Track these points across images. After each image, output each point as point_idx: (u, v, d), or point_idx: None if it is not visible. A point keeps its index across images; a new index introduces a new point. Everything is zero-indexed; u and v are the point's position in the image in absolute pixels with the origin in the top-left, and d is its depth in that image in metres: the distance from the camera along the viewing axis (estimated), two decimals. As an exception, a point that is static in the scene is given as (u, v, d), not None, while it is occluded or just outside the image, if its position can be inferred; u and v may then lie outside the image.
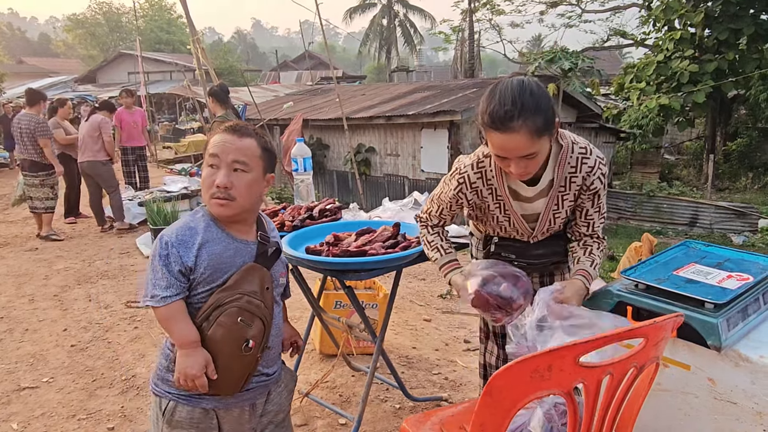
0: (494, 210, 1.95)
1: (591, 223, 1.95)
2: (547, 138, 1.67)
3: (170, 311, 1.52)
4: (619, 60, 30.69)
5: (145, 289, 1.54)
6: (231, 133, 1.57)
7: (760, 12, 14.43)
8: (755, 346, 1.70)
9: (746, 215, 13.04)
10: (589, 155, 1.83)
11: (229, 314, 1.53)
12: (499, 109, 1.60)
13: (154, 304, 1.52)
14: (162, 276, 1.51)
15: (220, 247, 1.56)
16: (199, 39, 7.93)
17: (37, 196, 6.73)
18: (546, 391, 1.32)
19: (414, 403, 2.93)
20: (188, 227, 1.56)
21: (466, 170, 1.91)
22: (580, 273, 1.90)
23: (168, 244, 1.52)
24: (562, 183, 1.85)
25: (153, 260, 1.53)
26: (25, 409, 3.06)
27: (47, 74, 34.00)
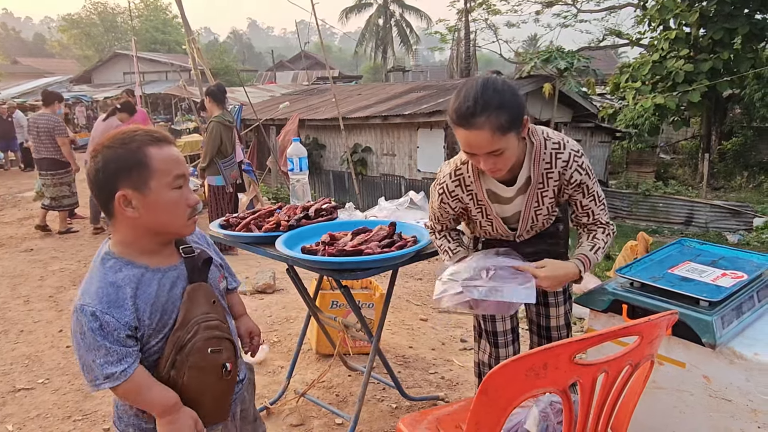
0: (476, 215, 1.98)
1: (590, 212, 1.93)
2: (514, 135, 1.67)
3: (135, 382, 1.32)
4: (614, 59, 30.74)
5: (91, 374, 1.31)
6: (170, 144, 1.39)
7: (754, 11, 14.49)
8: (750, 343, 1.71)
9: (741, 214, 13.10)
10: (562, 150, 1.83)
11: (198, 351, 1.38)
12: (462, 105, 1.63)
13: (114, 383, 1.30)
14: (108, 351, 1.29)
15: (153, 288, 1.36)
16: (195, 39, 7.91)
17: (54, 195, 6.88)
18: (541, 389, 1.33)
19: (410, 403, 2.94)
20: (107, 284, 1.32)
21: (444, 180, 1.96)
22: (578, 257, 1.90)
23: (95, 314, 1.28)
24: (540, 180, 1.85)
25: (84, 339, 1.29)
26: (20, 410, 3.05)
27: (42, 74, 33.87)
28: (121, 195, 1.31)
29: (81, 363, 1.32)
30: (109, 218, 1.38)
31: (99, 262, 1.36)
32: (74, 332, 1.31)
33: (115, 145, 1.33)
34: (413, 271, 5.54)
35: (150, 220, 1.35)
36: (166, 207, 1.35)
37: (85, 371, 1.32)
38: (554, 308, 2.14)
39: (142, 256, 1.39)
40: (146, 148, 1.33)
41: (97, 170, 1.33)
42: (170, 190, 1.35)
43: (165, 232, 1.41)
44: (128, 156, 1.32)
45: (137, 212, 1.33)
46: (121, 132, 1.36)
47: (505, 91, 1.64)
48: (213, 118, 5.63)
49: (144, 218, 1.34)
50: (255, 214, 2.63)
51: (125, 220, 1.35)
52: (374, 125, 13.21)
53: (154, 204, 1.34)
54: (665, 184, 15.26)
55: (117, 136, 1.35)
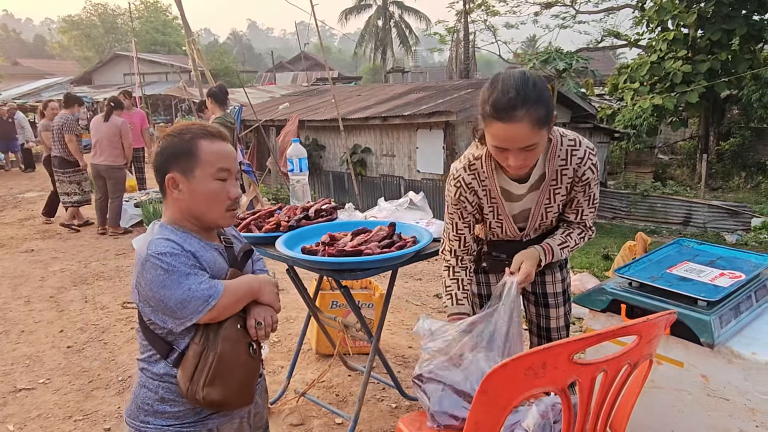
0: (488, 213, 1.96)
1: (579, 211, 1.94)
2: (546, 131, 1.67)
3: (231, 286, 1.44)
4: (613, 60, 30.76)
5: (192, 304, 1.37)
6: (222, 141, 1.49)
7: (752, 12, 14.52)
8: (748, 342, 1.72)
9: (739, 214, 13.11)
10: (578, 147, 1.83)
11: (230, 324, 1.45)
12: (502, 98, 1.60)
13: (217, 297, 1.39)
14: (197, 275, 1.39)
15: (209, 254, 1.48)
16: (195, 40, 7.92)
17: (64, 191, 7.18)
18: (540, 388, 1.34)
19: (410, 402, 2.94)
20: (173, 239, 1.42)
21: (460, 173, 1.91)
22: (544, 246, 1.91)
23: (173, 253, 1.38)
24: (553, 177, 1.85)
25: (171, 275, 1.36)
26: (21, 410, 3.05)
27: (43, 76, 33.83)
28: (170, 177, 1.45)
29: (174, 304, 1.37)
30: (162, 196, 1.51)
31: (156, 227, 1.48)
32: (156, 277, 1.36)
33: (174, 134, 1.48)
34: (413, 271, 5.55)
35: (192, 204, 1.47)
36: (206, 195, 1.46)
37: (183, 306, 1.37)
38: (554, 309, 2.14)
39: (191, 230, 1.50)
40: (198, 140, 1.46)
41: (157, 153, 1.49)
42: (213, 180, 1.46)
43: (203, 218, 1.49)
44: (181, 144, 1.46)
45: (182, 195, 1.46)
46: (181, 124, 1.52)
47: (541, 85, 1.64)
48: (215, 119, 5.63)
49: (187, 201, 1.47)
50: (255, 215, 2.64)
51: (172, 200, 1.48)
52: (374, 126, 13.22)
53: (196, 190, 1.45)
54: (663, 185, 15.27)
55: (177, 127, 1.51)
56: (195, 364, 1.41)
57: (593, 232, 2.00)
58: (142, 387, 1.49)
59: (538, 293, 2.13)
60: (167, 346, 1.44)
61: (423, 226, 2.45)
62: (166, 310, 1.38)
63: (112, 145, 6.77)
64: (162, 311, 1.39)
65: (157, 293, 1.37)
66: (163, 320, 1.40)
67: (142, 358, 1.49)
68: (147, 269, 1.37)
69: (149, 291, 1.38)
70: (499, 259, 2.03)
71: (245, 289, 1.48)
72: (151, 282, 1.37)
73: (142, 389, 1.48)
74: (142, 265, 1.38)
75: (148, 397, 1.47)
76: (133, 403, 1.50)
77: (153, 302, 1.39)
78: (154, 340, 1.45)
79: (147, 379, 1.47)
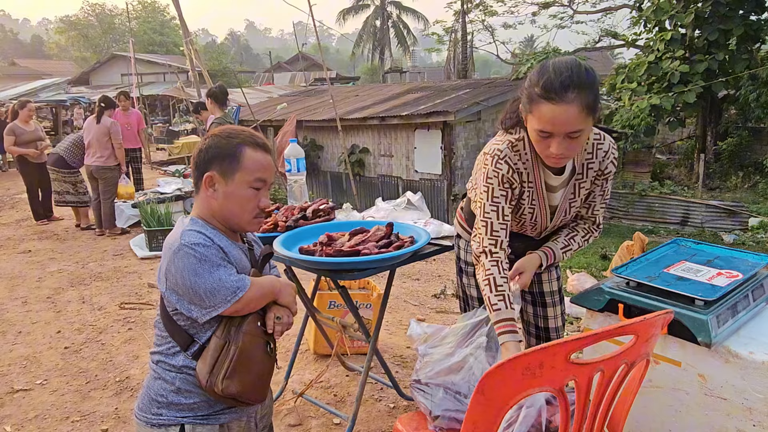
0: (524, 199, 1.88)
1: (592, 205, 1.96)
2: (592, 120, 1.64)
3: (257, 283, 1.49)
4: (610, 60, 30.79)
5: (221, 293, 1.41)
6: (265, 152, 1.54)
7: (749, 12, 14.53)
8: (745, 342, 1.73)
9: (737, 214, 13.13)
10: (603, 140, 1.86)
11: (251, 320, 1.50)
12: (555, 79, 1.59)
13: (245, 289, 1.45)
14: (226, 267, 1.45)
15: (236, 252, 1.53)
16: (193, 40, 7.92)
17: (56, 190, 7.34)
18: (537, 388, 1.33)
19: (408, 402, 2.94)
20: (203, 232, 1.47)
21: (506, 153, 1.80)
22: (545, 250, 1.94)
23: (206, 245, 1.43)
24: (580, 171, 1.87)
25: (203, 265, 1.41)
26: (18, 411, 3.05)
27: (40, 76, 33.74)
28: (209, 176, 1.49)
29: (203, 291, 1.40)
30: (196, 191, 1.55)
31: (187, 221, 1.51)
32: (188, 265, 1.40)
33: (222, 135, 1.52)
34: (410, 271, 5.55)
35: (223, 205, 1.51)
36: (238, 200, 1.50)
37: (212, 295, 1.41)
38: (551, 308, 2.14)
39: (219, 228, 1.54)
40: (244, 146, 1.50)
41: (200, 150, 1.52)
42: (248, 188, 1.51)
43: (230, 221, 1.53)
44: (227, 147, 1.50)
45: (216, 195, 1.50)
46: (231, 127, 1.57)
47: (593, 73, 1.64)
48: (215, 119, 5.63)
49: (219, 202, 1.50)
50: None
51: (205, 198, 1.52)
52: (372, 126, 13.21)
53: (230, 194, 1.50)
54: (661, 185, 15.27)
55: (226, 130, 1.55)
56: (216, 356, 1.44)
57: (599, 232, 2.00)
58: (156, 379, 1.51)
59: (535, 292, 2.13)
60: (188, 338, 1.48)
61: (421, 226, 2.45)
62: (195, 298, 1.42)
63: (103, 146, 6.78)
64: (189, 299, 1.42)
65: (188, 280, 1.40)
66: (189, 309, 1.43)
67: (160, 350, 1.51)
68: (180, 257, 1.41)
69: (180, 278, 1.41)
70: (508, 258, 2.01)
71: (269, 287, 1.53)
72: (183, 269, 1.40)
73: (157, 381, 1.50)
74: (174, 253, 1.41)
75: (163, 388, 1.49)
76: (146, 395, 1.52)
77: (182, 290, 1.42)
78: (176, 331, 1.48)
79: (163, 371, 1.50)
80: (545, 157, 1.73)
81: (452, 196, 11.68)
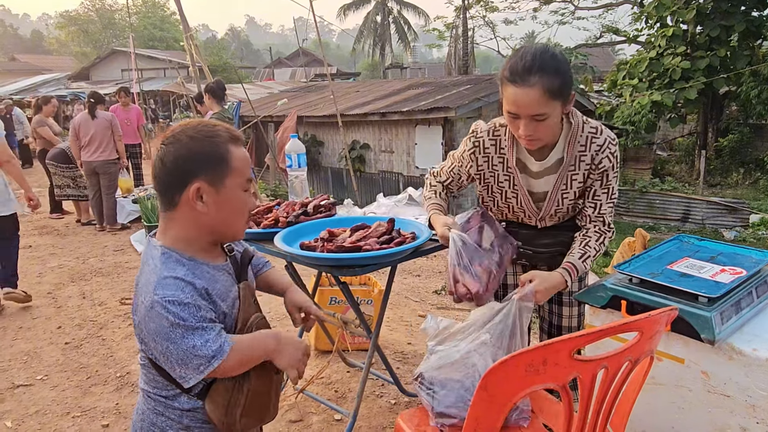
0: (503, 182, 1.96)
1: (598, 204, 1.92)
2: (560, 104, 1.70)
3: (239, 345, 1.29)
4: (611, 57, 30.71)
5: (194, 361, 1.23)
6: (243, 147, 1.36)
7: (750, 9, 14.50)
8: (748, 339, 1.72)
9: (737, 210, 13.12)
10: (599, 134, 1.85)
11: None
12: (518, 62, 1.67)
13: (223, 356, 1.25)
14: (204, 329, 1.23)
15: (219, 284, 1.34)
16: (193, 36, 7.90)
17: (57, 184, 7.38)
18: (541, 385, 1.33)
19: (409, 398, 2.94)
20: (180, 277, 1.24)
21: (482, 135, 1.95)
22: (565, 266, 1.89)
23: (182, 302, 1.22)
24: (571, 162, 1.86)
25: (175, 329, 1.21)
26: (19, 406, 3.05)
27: (40, 71, 33.70)
28: (196, 187, 1.26)
29: (176, 359, 1.23)
30: (169, 209, 1.30)
31: (159, 259, 1.27)
32: (160, 329, 1.21)
33: (200, 136, 1.28)
34: (412, 267, 5.54)
35: (215, 217, 1.31)
36: (234, 207, 1.33)
37: (185, 364, 1.23)
38: (567, 307, 2.12)
39: (199, 252, 1.33)
40: (228, 144, 1.30)
41: (176, 157, 1.26)
42: (241, 191, 1.33)
43: (223, 233, 1.36)
44: (212, 149, 1.28)
45: (206, 208, 1.29)
46: (202, 123, 1.32)
47: (561, 59, 1.70)
48: (213, 115, 5.61)
49: (210, 215, 1.30)
50: (253, 211, 2.63)
51: (190, 214, 1.29)
52: (372, 122, 13.19)
53: (224, 202, 1.30)
54: (662, 181, 15.27)
55: (200, 127, 1.30)
56: (228, 397, 1.33)
57: (612, 232, 1.96)
58: (159, 415, 1.36)
59: None
60: None
61: (422, 222, 2.44)
62: (167, 365, 1.25)
63: (106, 140, 6.76)
64: (165, 364, 1.26)
65: (160, 345, 1.23)
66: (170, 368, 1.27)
67: (156, 393, 1.35)
68: (152, 317, 1.21)
69: (152, 342, 1.24)
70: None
71: (260, 350, 1.34)
72: (155, 333, 1.22)
73: (161, 417, 1.35)
74: (147, 311, 1.22)
75: (170, 426, 1.35)
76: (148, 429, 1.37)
77: (156, 353, 1.25)
78: (170, 377, 1.30)
79: (165, 409, 1.35)
80: (518, 138, 1.80)
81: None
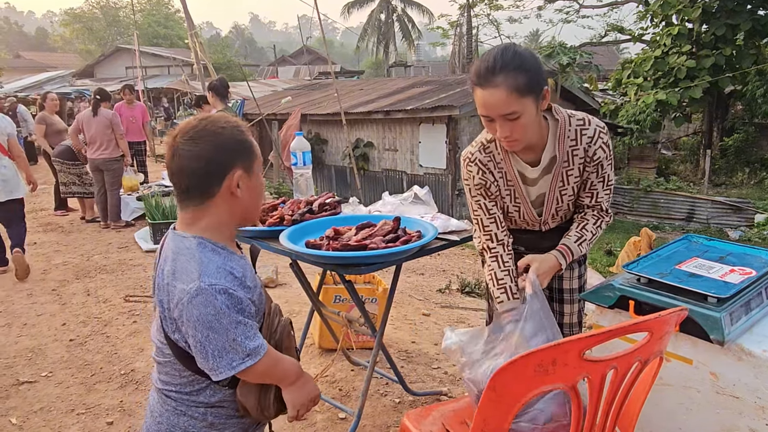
0: (505, 196, 1.94)
1: (594, 193, 1.91)
2: (532, 101, 1.66)
3: (271, 354, 1.33)
4: (616, 55, 30.61)
5: (229, 355, 1.24)
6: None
7: (757, 8, 14.43)
8: (758, 340, 1.70)
9: (742, 210, 13.08)
10: (587, 126, 1.82)
11: (287, 334, 1.45)
12: (481, 65, 1.67)
13: (256, 358, 1.27)
14: (246, 326, 1.26)
15: (249, 271, 1.39)
16: (197, 33, 7.90)
17: (62, 181, 7.37)
18: (550, 385, 1.32)
19: (414, 398, 2.93)
20: (221, 264, 1.28)
21: (475, 156, 1.91)
22: (560, 248, 1.89)
23: (227, 291, 1.24)
24: (565, 158, 1.84)
25: (220, 319, 1.22)
26: (23, 403, 3.05)
27: (45, 69, 33.80)
28: (239, 174, 1.32)
29: (213, 349, 1.23)
30: (203, 201, 1.32)
31: (196, 247, 1.29)
32: (203, 316, 1.21)
33: (229, 126, 1.34)
34: (416, 266, 5.53)
35: (248, 202, 1.37)
36: (259, 191, 1.40)
37: (220, 356, 1.24)
38: (569, 305, 2.12)
39: (228, 242, 1.38)
40: (248, 133, 1.39)
41: (215, 149, 1.30)
42: (261, 174, 1.41)
43: (249, 217, 1.42)
44: (243, 138, 1.35)
45: (243, 194, 1.34)
46: (224, 117, 1.38)
47: (525, 55, 1.67)
48: (216, 112, 5.61)
49: (245, 201, 1.36)
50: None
51: (229, 201, 1.34)
52: (376, 120, 13.19)
53: (254, 187, 1.37)
54: (666, 180, 15.23)
55: (224, 120, 1.35)
56: (259, 387, 1.38)
57: (610, 217, 1.96)
58: (180, 415, 1.37)
59: (554, 288, 2.11)
60: None
61: (428, 221, 2.43)
62: (203, 353, 1.25)
63: (107, 138, 6.76)
64: (198, 353, 1.26)
65: (200, 332, 1.23)
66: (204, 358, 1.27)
67: (178, 389, 1.36)
68: (196, 304, 1.21)
69: (192, 329, 1.24)
70: (516, 252, 1.99)
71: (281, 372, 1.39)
72: (197, 320, 1.22)
73: (182, 418, 1.36)
74: (192, 298, 1.22)
75: (192, 425, 1.36)
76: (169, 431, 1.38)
77: (193, 341, 1.25)
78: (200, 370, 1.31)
79: (188, 407, 1.36)
80: (500, 141, 1.78)
81: (456, 191, 11.65)
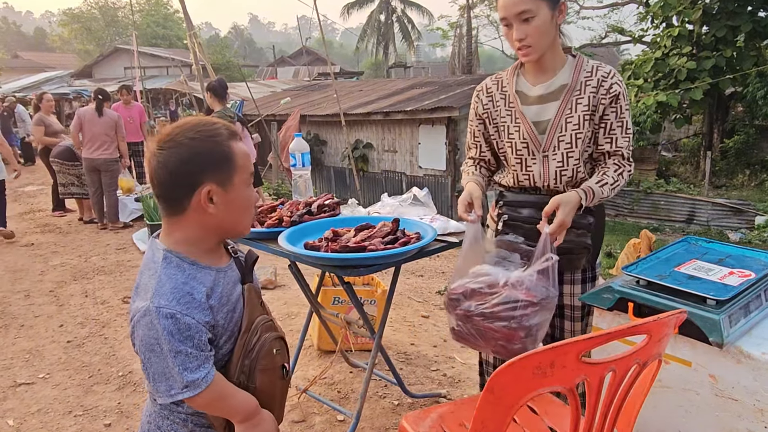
0: (505, 117, 2.02)
1: (614, 138, 1.93)
2: (547, 5, 1.80)
3: (217, 388, 1.26)
4: (616, 57, 30.64)
5: (166, 383, 1.22)
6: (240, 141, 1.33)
7: (757, 9, 14.43)
8: (757, 342, 1.69)
9: (743, 212, 13.08)
10: (605, 67, 1.93)
11: (266, 353, 1.34)
12: None
13: (194, 391, 1.22)
14: (188, 356, 1.20)
15: (220, 288, 1.31)
16: (196, 34, 7.89)
17: (61, 182, 7.37)
18: (548, 387, 1.31)
19: (412, 400, 2.92)
20: (180, 284, 1.23)
21: (484, 81, 2.12)
22: (583, 188, 1.85)
23: (174, 316, 1.19)
24: (577, 87, 1.90)
25: (160, 345, 1.19)
26: (21, 405, 3.04)
27: (43, 69, 33.80)
28: (207, 190, 1.23)
29: (153, 372, 1.22)
30: (177, 214, 1.27)
31: (161, 262, 1.26)
32: (146, 338, 1.20)
33: (201, 136, 1.24)
34: (415, 267, 5.53)
35: (225, 217, 1.28)
36: (242, 205, 1.31)
37: (159, 381, 1.22)
38: (569, 322, 2.07)
39: (204, 255, 1.32)
40: (229, 142, 1.27)
41: (181, 161, 1.22)
42: (246, 187, 1.30)
43: (231, 231, 1.34)
44: (216, 149, 1.25)
45: (215, 209, 1.26)
46: (201, 123, 1.27)
47: None
48: (215, 113, 5.60)
49: (220, 216, 1.27)
50: (257, 210, 2.62)
51: (200, 216, 1.27)
52: (375, 121, 13.19)
53: (233, 201, 1.28)
54: (667, 182, 15.23)
55: (199, 127, 1.26)
56: None
57: (631, 166, 1.97)
58: (165, 419, 1.35)
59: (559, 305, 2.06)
60: None
61: (427, 223, 2.43)
62: (146, 374, 1.24)
63: (110, 139, 6.75)
64: (144, 372, 1.25)
65: (143, 353, 1.22)
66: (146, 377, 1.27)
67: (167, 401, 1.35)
68: (143, 324, 1.20)
69: (138, 346, 1.24)
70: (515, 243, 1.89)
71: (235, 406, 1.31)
72: (141, 340, 1.21)
73: (166, 421, 1.35)
74: (140, 317, 1.21)
75: (174, 429, 1.36)
76: None
77: (140, 359, 1.25)
78: None
79: (171, 413, 1.35)
80: (517, 53, 1.91)
81: (456, 192, 11.64)
